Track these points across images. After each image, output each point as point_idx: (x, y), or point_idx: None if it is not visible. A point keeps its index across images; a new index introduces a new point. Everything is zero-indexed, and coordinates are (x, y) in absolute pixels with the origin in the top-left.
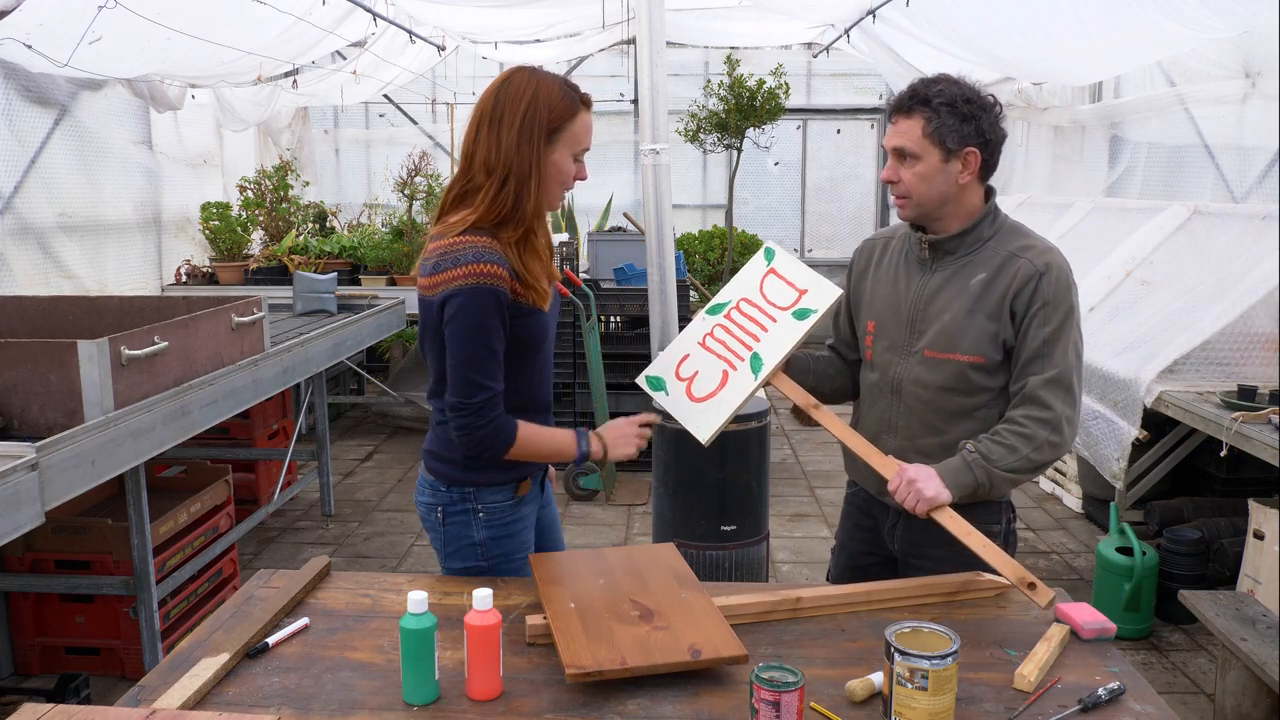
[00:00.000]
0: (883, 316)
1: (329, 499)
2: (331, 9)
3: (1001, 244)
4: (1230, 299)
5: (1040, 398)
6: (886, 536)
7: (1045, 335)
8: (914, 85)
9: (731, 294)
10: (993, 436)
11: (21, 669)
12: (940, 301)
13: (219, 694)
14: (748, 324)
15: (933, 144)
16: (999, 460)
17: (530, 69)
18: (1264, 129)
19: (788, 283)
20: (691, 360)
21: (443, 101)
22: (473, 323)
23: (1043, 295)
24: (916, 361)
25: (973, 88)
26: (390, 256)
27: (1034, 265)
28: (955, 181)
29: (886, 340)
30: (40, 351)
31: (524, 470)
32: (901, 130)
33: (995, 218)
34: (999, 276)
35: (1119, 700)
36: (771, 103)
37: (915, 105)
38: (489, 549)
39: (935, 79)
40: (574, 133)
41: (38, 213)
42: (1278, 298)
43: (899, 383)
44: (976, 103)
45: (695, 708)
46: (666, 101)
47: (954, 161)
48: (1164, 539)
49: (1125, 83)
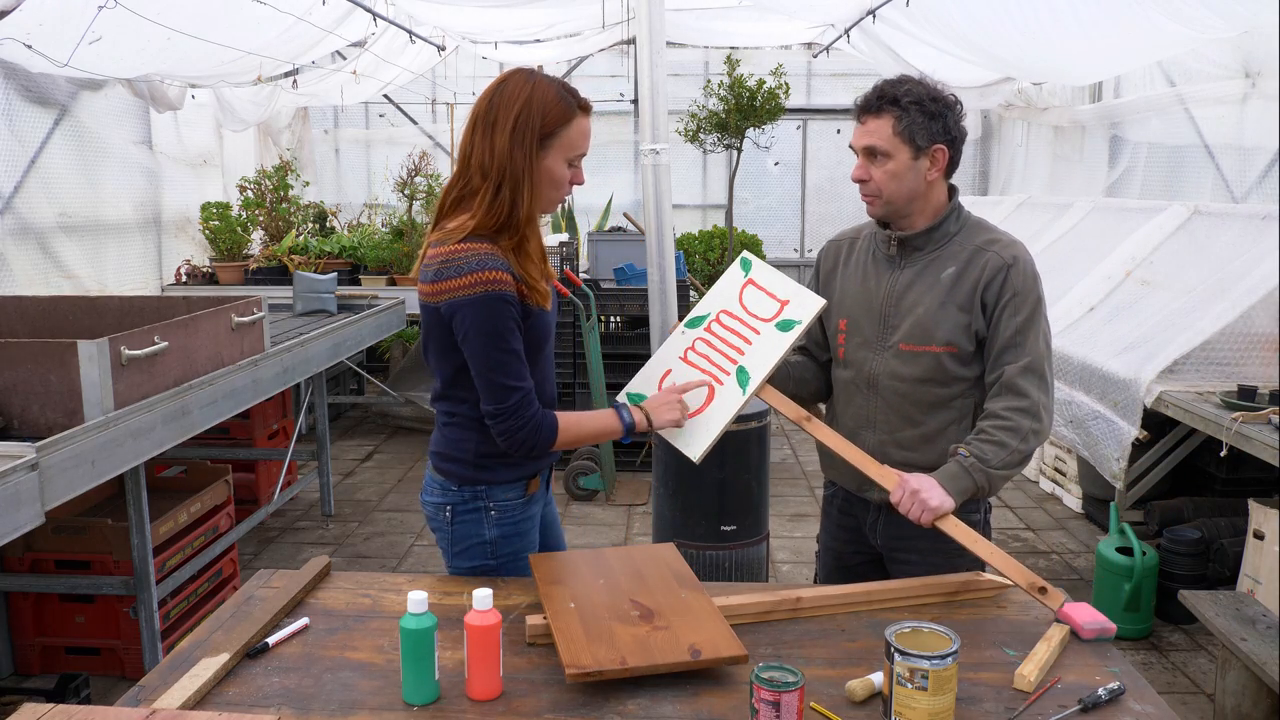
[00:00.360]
0: (854, 314)
1: (329, 499)
2: (331, 9)
3: (968, 238)
4: (1230, 299)
5: (1017, 385)
6: (869, 533)
7: (1017, 324)
8: (880, 86)
9: (710, 306)
10: (981, 436)
11: (21, 669)
12: (912, 296)
13: (219, 694)
14: (730, 337)
15: (903, 142)
16: (994, 460)
17: (528, 71)
18: (1264, 129)
19: (768, 293)
20: (675, 376)
21: (443, 101)
22: (488, 330)
23: (1012, 286)
24: (891, 355)
25: (936, 88)
26: (390, 256)
27: (1002, 258)
28: (924, 178)
29: (860, 337)
30: (40, 351)
31: (534, 467)
32: (871, 129)
33: (959, 214)
34: (968, 269)
35: (1119, 700)
36: (771, 103)
37: (884, 105)
38: (499, 547)
39: (900, 79)
40: (568, 138)
41: (38, 213)
42: (1278, 298)
43: (875, 378)
44: (942, 101)
45: (695, 708)
46: (666, 101)
47: (923, 159)
48: (1164, 539)
49: (1125, 83)
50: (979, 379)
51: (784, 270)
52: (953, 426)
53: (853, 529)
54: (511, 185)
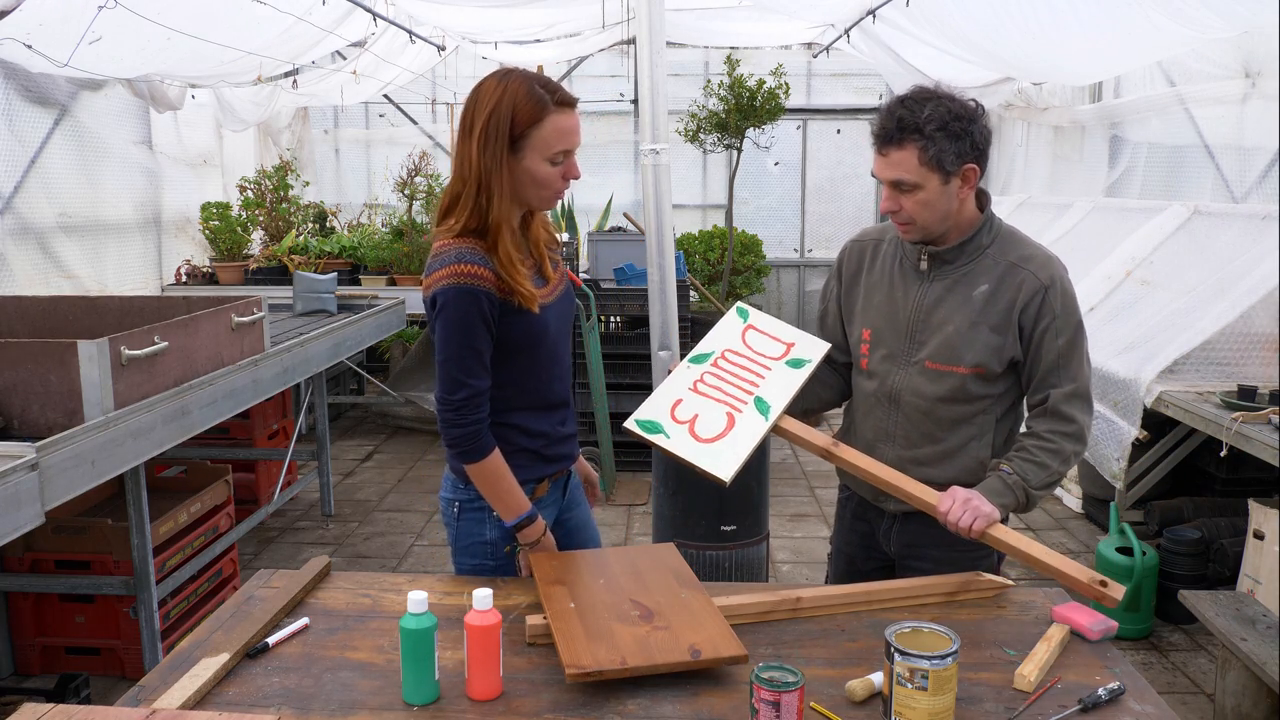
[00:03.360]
0: (879, 325)
1: (329, 499)
2: (331, 9)
3: (1001, 252)
4: (1230, 299)
5: (1063, 412)
6: (882, 539)
7: (1060, 348)
8: (899, 114)
9: (712, 346)
10: (1023, 455)
11: (21, 669)
12: (942, 312)
13: (219, 694)
14: (740, 372)
15: (931, 170)
16: (1035, 479)
17: (502, 73)
18: (1264, 129)
19: (771, 337)
20: (687, 404)
21: (443, 101)
22: (454, 320)
23: (1051, 309)
24: (916, 372)
25: (958, 99)
26: (390, 256)
27: (1039, 279)
28: (956, 199)
29: (884, 349)
30: (40, 351)
31: (542, 471)
32: (895, 162)
33: (992, 225)
34: (1002, 288)
35: (1119, 700)
36: (771, 103)
37: (906, 135)
38: (499, 548)
39: (918, 99)
40: (541, 137)
41: (38, 213)
42: (1278, 298)
43: (897, 393)
44: (966, 117)
45: (695, 708)
46: (666, 101)
47: (953, 181)
48: (1164, 539)
49: (1125, 83)
50: (1002, 395)
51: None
52: (973, 442)
53: (866, 534)
54: (486, 189)
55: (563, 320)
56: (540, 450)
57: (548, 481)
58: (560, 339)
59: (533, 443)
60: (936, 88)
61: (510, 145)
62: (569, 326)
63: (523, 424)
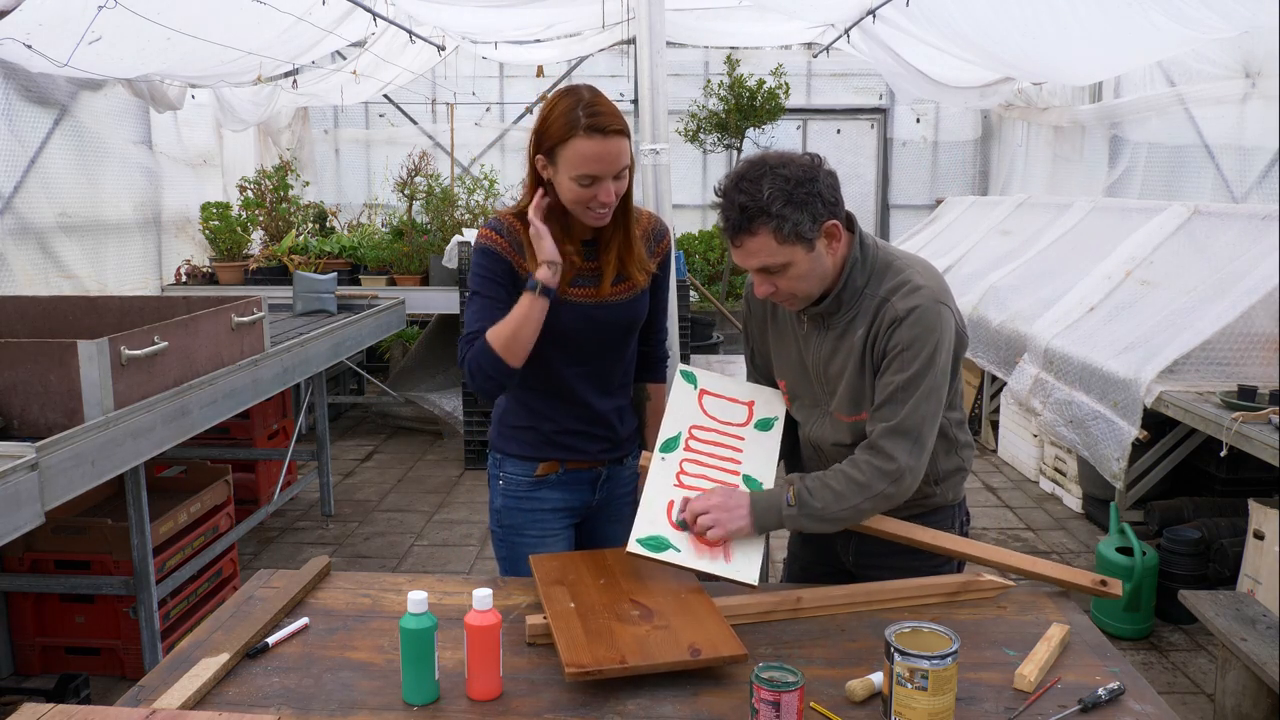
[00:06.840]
0: (791, 379)
1: (329, 499)
2: (331, 9)
3: (875, 287)
4: (1230, 299)
5: (882, 447)
6: (840, 551)
7: (898, 382)
8: (739, 201)
9: (677, 426)
10: (824, 479)
11: (21, 669)
12: (836, 364)
13: (219, 694)
14: (715, 450)
15: (793, 244)
16: (820, 508)
17: (567, 89)
18: (1264, 129)
19: (729, 399)
20: (679, 506)
21: (443, 101)
22: (469, 270)
23: (899, 341)
24: (830, 423)
25: (792, 162)
26: (390, 256)
27: (895, 310)
28: (827, 258)
29: (800, 400)
30: (40, 351)
31: (545, 453)
32: (754, 250)
33: (866, 260)
34: (872, 326)
35: (1119, 700)
36: (771, 103)
37: (755, 220)
38: (503, 517)
39: (752, 178)
40: (566, 157)
41: (38, 213)
42: (1278, 298)
43: (819, 441)
44: (806, 180)
45: (695, 708)
46: (666, 101)
47: (819, 244)
48: (1164, 539)
49: (1125, 83)
50: None
51: None
52: None
53: (823, 545)
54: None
55: (594, 326)
56: (544, 430)
57: (558, 464)
58: (585, 340)
59: (532, 419)
60: (765, 155)
61: (547, 156)
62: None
63: (525, 401)
